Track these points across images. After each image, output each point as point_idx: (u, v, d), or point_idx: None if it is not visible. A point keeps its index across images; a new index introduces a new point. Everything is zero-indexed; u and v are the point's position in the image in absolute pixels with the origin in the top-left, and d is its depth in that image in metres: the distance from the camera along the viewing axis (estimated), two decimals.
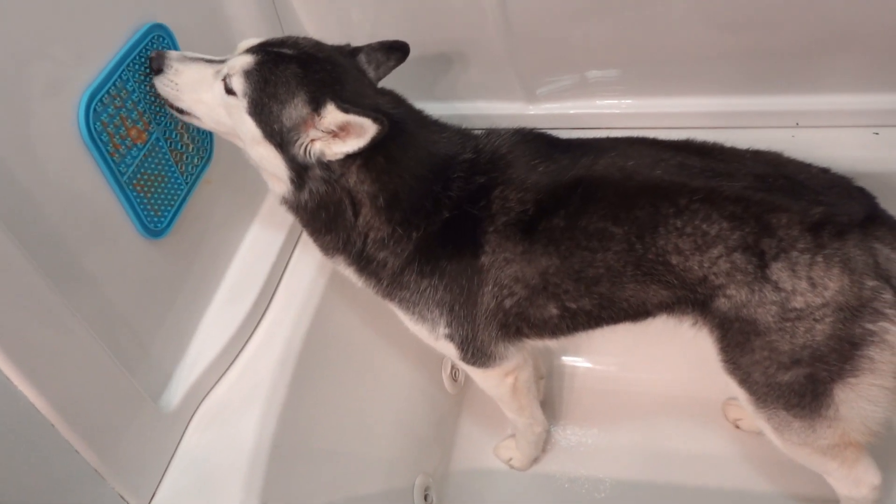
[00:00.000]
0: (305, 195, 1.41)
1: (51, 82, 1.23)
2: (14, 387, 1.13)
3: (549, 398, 2.20)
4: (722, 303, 1.40)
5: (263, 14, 1.78)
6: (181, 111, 1.44)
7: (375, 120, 1.27)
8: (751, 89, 1.82)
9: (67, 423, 1.21)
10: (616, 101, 1.96)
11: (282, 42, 1.40)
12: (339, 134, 1.33)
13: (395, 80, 1.54)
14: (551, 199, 1.43)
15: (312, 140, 1.35)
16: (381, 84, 1.52)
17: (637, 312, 1.51)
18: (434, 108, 1.58)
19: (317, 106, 1.32)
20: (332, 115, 1.31)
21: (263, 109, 1.34)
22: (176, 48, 1.49)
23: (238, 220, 1.82)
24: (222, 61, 1.40)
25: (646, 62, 1.82)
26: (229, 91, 1.36)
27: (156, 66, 1.39)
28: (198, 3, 1.60)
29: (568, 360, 2.30)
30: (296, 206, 1.46)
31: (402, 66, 1.55)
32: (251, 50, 1.38)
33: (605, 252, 1.41)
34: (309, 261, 1.86)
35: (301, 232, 1.87)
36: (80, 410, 1.25)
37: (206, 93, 1.39)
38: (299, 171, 1.38)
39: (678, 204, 1.38)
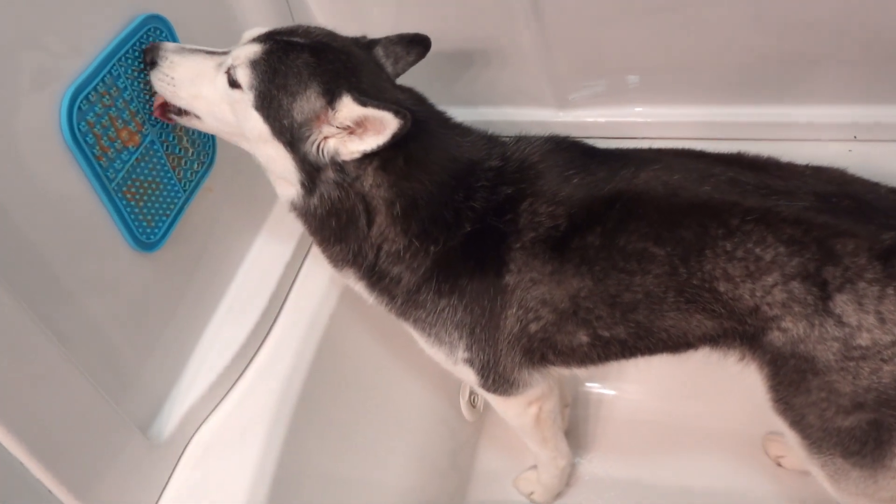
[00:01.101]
0: (316, 200, 1.31)
1: (30, 75, 1.11)
2: None
3: (574, 427, 2.09)
4: (776, 337, 1.29)
5: (273, 6, 1.67)
6: (179, 112, 1.33)
7: (397, 114, 1.15)
8: (801, 99, 1.69)
9: (39, 461, 1.09)
10: (653, 109, 1.83)
11: (292, 31, 1.29)
12: (356, 130, 1.22)
13: (414, 81, 1.43)
14: (586, 214, 1.32)
15: (326, 137, 1.24)
16: (398, 81, 1.40)
17: (677, 344, 1.40)
18: (456, 113, 1.47)
19: (331, 98, 1.21)
20: (349, 107, 1.20)
21: (272, 103, 1.23)
22: (175, 41, 1.36)
23: (242, 231, 1.70)
24: (225, 53, 1.29)
25: (687, 68, 1.70)
26: (234, 84, 1.25)
27: (149, 59, 1.27)
28: None
29: (594, 387, 2.18)
30: (305, 212, 1.35)
31: (423, 65, 1.43)
32: (258, 39, 1.27)
33: (644, 275, 1.30)
34: (319, 275, 1.75)
35: (311, 243, 1.77)
36: (54, 445, 1.13)
37: (208, 87, 1.27)
38: (310, 172, 1.27)
39: (729, 224, 1.26)
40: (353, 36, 1.36)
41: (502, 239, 1.33)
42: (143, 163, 1.31)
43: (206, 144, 1.48)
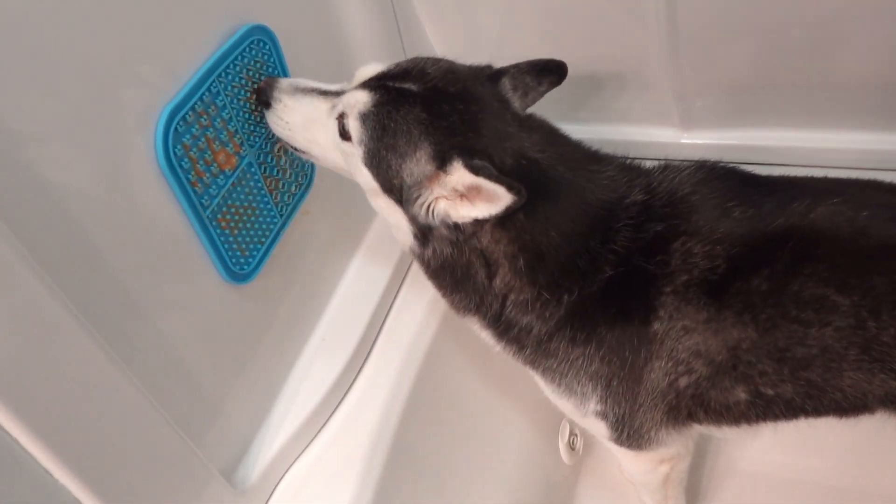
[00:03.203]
0: (430, 252, 1.21)
1: (125, 96, 1.02)
2: (52, 479, 0.91)
3: (689, 478, 1.89)
4: None
5: (380, 12, 1.55)
6: (296, 149, 1.27)
7: (510, 189, 1.04)
8: None
9: None
10: (792, 133, 1.65)
11: (406, 72, 1.17)
12: (468, 195, 1.10)
13: None
14: (750, 253, 1.16)
15: (437, 198, 1.13)
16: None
17: (852, 406, 1.22)
18: (572, 132, 1.32)
19: (442, 162, 1.10)
20: (460, 174, 1.08)
21: (381, 163, 1.14)
22: (279, 56, 1.27)
23: (337, 256, 1.59)
24: (338, 93, 1.20)
25: (835, 87, 1.53)
26: (344, 136, 1.17)
27: (263, 99, 1.21)
28: (305, 2, 1.38)
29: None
30: (420, 260, 1.26)
31: None
32: (369, 85, 1.17)
33: (822, 327, 1.14)
34: (417, 301, 1.64)
35: (409, 266, 1.67)
36: (129, 495, 1.03)
37: (321, 133, 1.21)
38: (423, 228, 1.17)
39: None
40: (478, 65, 1.24)
41: (650, 282, 1.19)
42: (239, 187, 1.20)
43: (304, 164, 1.38)
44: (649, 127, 1.75)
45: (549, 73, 1.26)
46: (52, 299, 0.90)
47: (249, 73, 1.21)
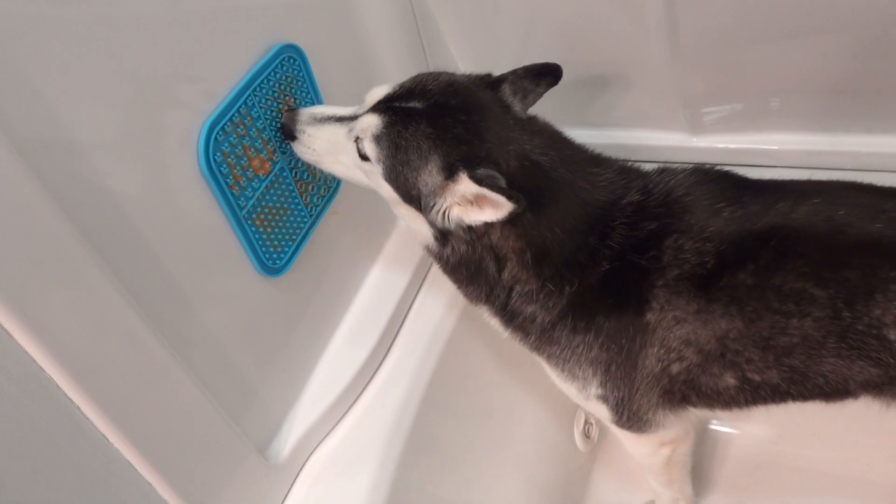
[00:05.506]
0: (448, 250, 1.31)
1: (169, 108, 1.14)
2: (107, 442, 1.04)
3: (696, 466, 1.95)
4: None
5: (403, 28, 1.65)
6: (323, 170, 1.39)
7: (510, 198, 1.14)
8: None
9: (164, 480, 1.12)
10: (800, 137, 1.70)
11: (410, 92, 1.27)
12: (477, 202, 1.20)
13: (543, 103, 1.37)
14: (737, 250, 1.25)
15: (451, 205, 1.23)
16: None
17: (835, 391, 1.29)
18: (585, 136, 1.41)
19: (450, 174, 1.20)
20: (465, 184, 1.19)
21: (399, 177, 1.25)
22: (308, 71, 1.39)
23: (363, 254, 1.70)
24: (353, 118, 1.30)
25: (839, 91, 1.57)
26: (363, 157, 1.28)
27: (288, 133, 1.32)
28: (332, 21, 1.49)
29: (717, 425, 2.08)
30: (438, 258, 1.37)
31: (552, 88, 1.38)
32: (378, 108, 1.27)
33: (802, 318, 1.22)
34: (438, 296, 1.74)
35: (431, 264, 1.76)
36: (179, 466, 1.16)
37: (344, 155, 1.32)
38: (442, 231, 1.28)
39: None
40: (479, 74, 1.33)
41: (644, 276, 1.28)
42: (272, 190, 1.33)
43: None
44: (659, 131, 1.80)
45: (546, 75, 1.33)
46: (118, 297, 1.03)
47: (281, 87, 1.33)
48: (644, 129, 1.82)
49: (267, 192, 1.31)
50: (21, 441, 0.93)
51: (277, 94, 1.32)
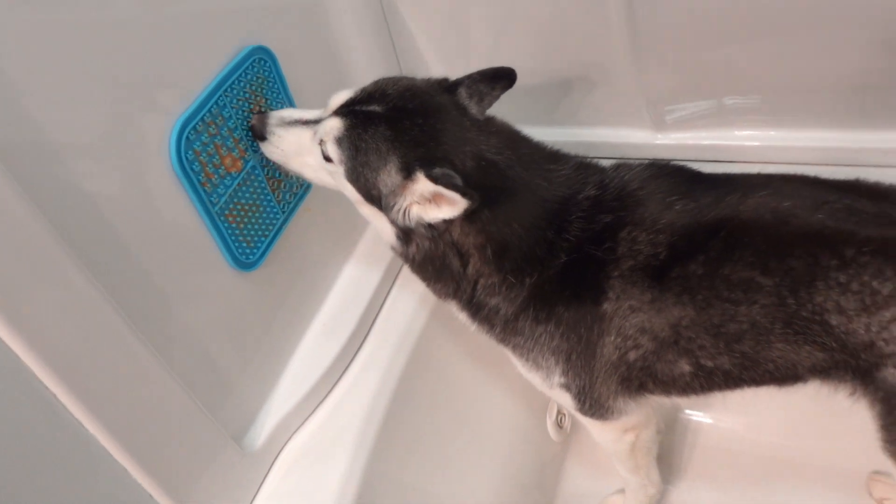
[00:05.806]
0: (413, 248, 1.36)
1: (141, 109, 1.18)
2: (86, 430, 1.08)
3: (668, 454, 2.03)
4: (890, 374, 1.23)
5: (374, 30, 1.70)
6: (289, 173, 1.44)
7: (464, 195, 1.19)
8: None
9: (141, 468, 1.16)
10: (759, 132, 1.75)
11: (370, 96, 1.32)
12: (434, 200, 1.25)
13: (512, 104, 1.42)
14: (688, 242, 1.29)
15: (410, 204, 1.28)
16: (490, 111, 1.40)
17: (785, 376, 1.34)
18: (554, 135, 1.46)
19: (408, 173, 1.25)
20: (423, 183, 1.24)
21: (360, 178, 1.30)
22: (279, 73, 1.43)
23: (337, 250, 1.75)
24: (318, 121, 1.35)
25: (797, 90, 1.63)
26: (327, 158, 1.32)
27: (258, 134, 1.37)
28: (303, 24, 1.53)
29: (691, 414, 2.12)
30: (404, 256, 1.41)
31: (520, 89, 1.42)
32: (340, 112, 1.32)
33: (750, 305, 1.26)
34: (410, 293, 1.78)
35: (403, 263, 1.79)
36: (155, 453, 1.20)
37: (310, 157, 1.36)
38: (404, 229, 1.33)
39: (843, 255, 1.21)
40: (437, 78, 1.38)
41: (600, 267, 1.32)
42: (244, 187, 1.37)
43: None
44: (625, 129, 1.83)
45: (500, 79, 1.37)
46: (96, 293, 1.07)
47: (252, 88, 1.37)
48: (609, 126, 1.85)
49: (239, 189, 1.36)
50: None
51: (249, 94, 1.37)
